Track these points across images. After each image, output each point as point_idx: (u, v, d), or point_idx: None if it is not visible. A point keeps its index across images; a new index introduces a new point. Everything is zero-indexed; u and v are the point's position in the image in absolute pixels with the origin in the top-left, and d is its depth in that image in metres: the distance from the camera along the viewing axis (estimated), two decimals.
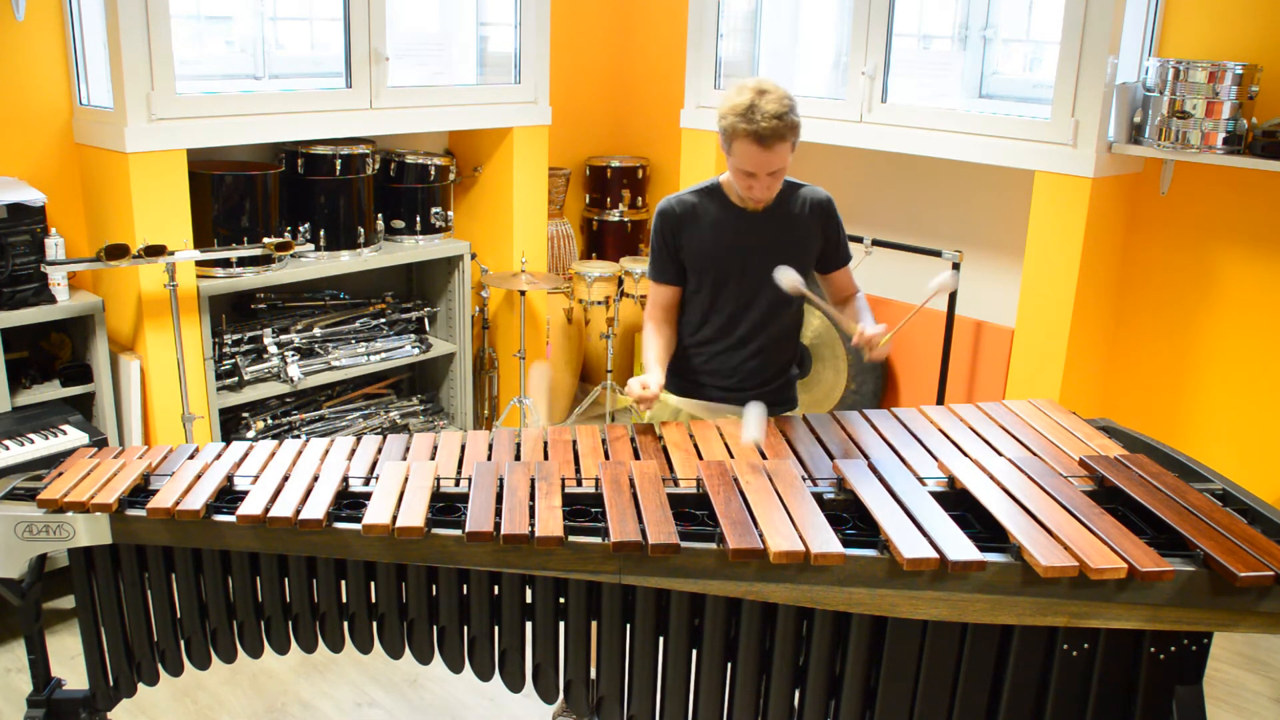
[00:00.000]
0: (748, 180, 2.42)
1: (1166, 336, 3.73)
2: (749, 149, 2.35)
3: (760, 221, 2.52)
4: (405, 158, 4.19)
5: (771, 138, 2.32)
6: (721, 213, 2.54)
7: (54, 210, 3.48)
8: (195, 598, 2.11)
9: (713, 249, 2.53)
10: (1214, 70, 3.25)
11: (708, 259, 2.54)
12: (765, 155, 2.35)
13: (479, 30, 4.52)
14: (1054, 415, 2.46)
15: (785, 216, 2.54)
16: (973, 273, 4.08)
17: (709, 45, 4.44)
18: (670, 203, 2.57)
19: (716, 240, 2.53)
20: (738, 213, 2.53)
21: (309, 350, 4.00)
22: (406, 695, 3.03)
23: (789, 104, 2.35)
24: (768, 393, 2.61)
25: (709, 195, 2.56)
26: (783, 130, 2.33)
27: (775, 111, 2.31)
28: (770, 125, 2.31)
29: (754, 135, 2.32)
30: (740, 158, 2.39)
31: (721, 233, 2.53)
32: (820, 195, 2.58)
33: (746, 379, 2.60)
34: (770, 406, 2.60)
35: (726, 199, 2.54)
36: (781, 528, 1.87)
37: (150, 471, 2.16)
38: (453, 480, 2.13)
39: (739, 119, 2.33)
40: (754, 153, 2.35)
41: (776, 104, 2.32)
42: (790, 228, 2.54)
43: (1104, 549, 1.79)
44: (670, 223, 2.56)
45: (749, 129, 2.32)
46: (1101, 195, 3.50)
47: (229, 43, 4.00)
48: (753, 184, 2.42)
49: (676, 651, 1.97)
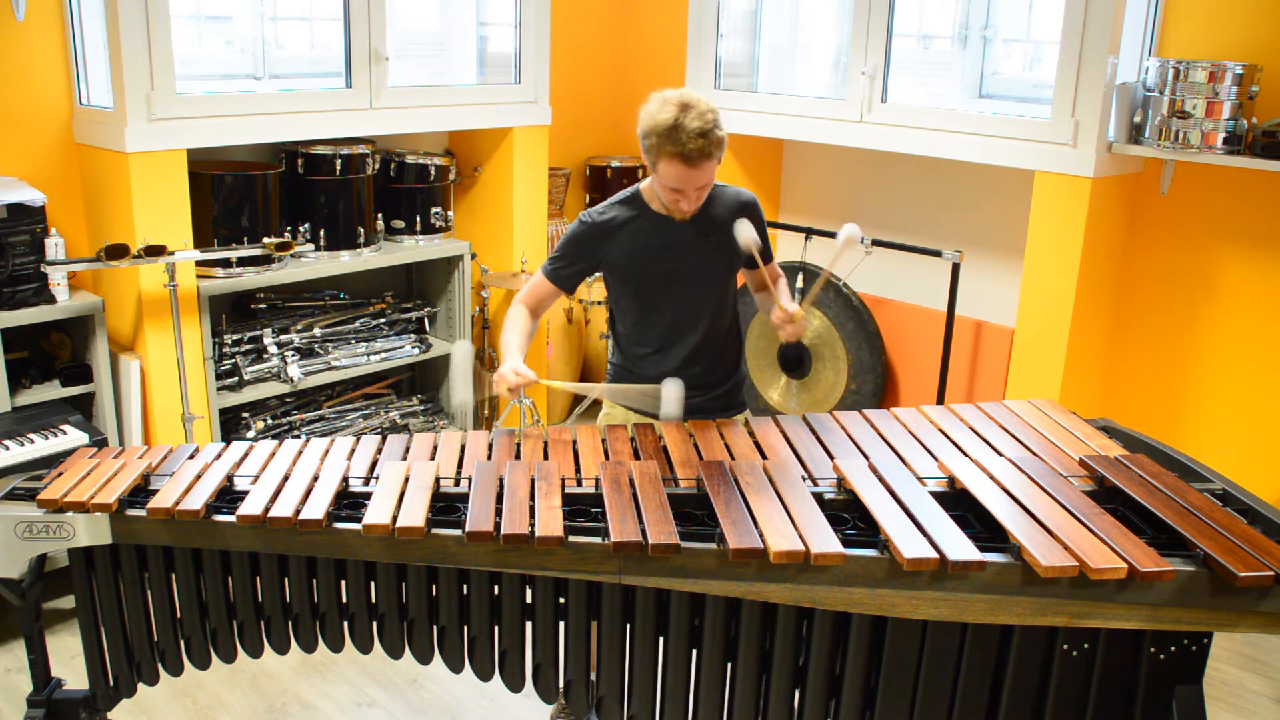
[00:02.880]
0: (675, 195, 2.39)
1: (1166, 336, 3.73)
2: (675, 168, 2.31)
3: (684, 227, 2.49)
4: (405, 158, 4.19)
5: (698, 157, 2.28)
6: (644, 222, 2.50)
7: (54, 210, 3.48)
8: (195, 598, 2.11)
9: (638, 260, 2.50)
10: (1214, 70, 3.25)
11: (633, 270, 2.51)
12: (692, 173, 2.31)
13: (479, 30, 4.52)
14: (1054, 415, 2.46)
15: (709, 220, 2.49)
16: (973, 273, 4.08)
17: (709, 45, 4.44)
18: (592, 215, 2.53)
19: (641, 251, 2.49)
20: (660, 221, 2.49)
21: (309, 350, 4.00)
22: (406, 695, 3.03)
23: (713, 119, 2.30)
24: (716, 397, 2.61)
25: (630, 205, 2.52)
26: (709, 148, 2.29)
27: (700, 129, 2.26)
28: (696, 145, 2.26)
29: (680, 156, 2.28)
30: (666, 176, 2.34)
31: (645, 243, 2.49)
32: (744, 197, 2.54)
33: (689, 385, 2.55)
34: (719, 411, 2.60)
35: (648, 208, 2.50)
36: (781, 528, 1.87)
37: (150, 471, 2.16)
38: (453, 480, 2.13)
39: (663, 139, 2.28)
40: (681, 171, 2.31)
41: (701, 120, 2.27)
42: (715, 231, 2.49)
43: (1104, 549, 1.79)
44: (591, 234, 2.51)
45: (675, 150, 2.27)
46: (1101, 195, 3.50)
47: (229, 43, 4.00)
48: (680, 199, 2.39)
49: (676, 651, 1.97)
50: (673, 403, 2.38)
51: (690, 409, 2.55)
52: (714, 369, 2.61)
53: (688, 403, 2.50)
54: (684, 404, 2.41)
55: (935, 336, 4.06)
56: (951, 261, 3.86)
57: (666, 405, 2.36)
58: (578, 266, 2.56)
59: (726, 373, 2.64)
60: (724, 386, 2.64)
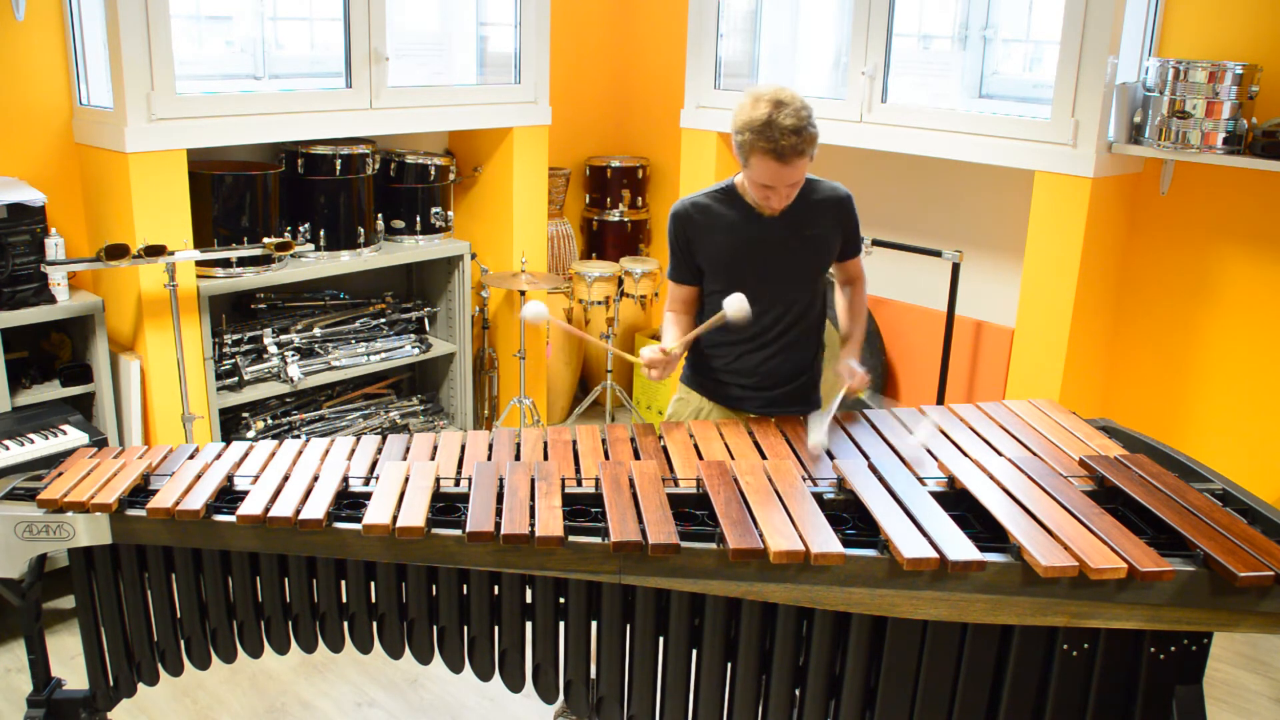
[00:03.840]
0: (765, 192, 2.38)
1: (1166, 336, 3.73)
2: (768, 165, 2.30)
3: (776, 222, 2.48)
4: (405, 158, 4.19)
5: (791, 154, 2.27)
6: (737, 215, 2.50)
7: (54, 210, 3.48)
8: (195, 598, 2.11)
9: (729, 252, 2.50)
10: (1214, 70, 3.25)
11: (724, 262, 2.51)
12: (785, 170, 2.31)
13: (479, 30, 4.52)
14: (1054, 415, 2.45)
15: (802, 216, 2.49)
16: (973, 273, 4.08)
17: (709, 45, 4.44)
18: (684, 205, 2.54)
19: (732, 243, 2.49)
20: (753, 214, 2.49)
21: (309, 350, 4.00)
22: (406, 695, 3.03)
23: (806, 116, 2.28)
24: (790, 391, 2.60)
25: (723, 197, 2.52)
26: (802, 145, 2.28)
27: (794, 126, 2.25)
28: (790, 142, 2.25)
29: (773, 153, 2.27)
30: (758, 173, 2.33)
31: (737, 235, 2.49)
32: (839, 193, 2.54)
33: (767, 379, 2.57)
34: (793, 405, 2.61)
35: (742, 201, 2.50)
36: (781, 528, 1.87)
37: (150, 471, 2.16)
38: (453, 480, 2.13)
39: (756, 136, 2.27)
40: (773, 168, 2.30)
41: (795, 118, 2.26)
42: (807, 226, 2.50)
43: (1104, 549, 1.79)
44: (683, 227, 2.53)
45: (768, 146, 2.26)
46: (1101, 195, 3.50)
47: (229, 43, 4.00)
48: (771, 195, 2.38)
49: (676, 651, 1.97)
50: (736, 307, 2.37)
51: (768, 401, 2.56)
52: (795, 364, 2.60)
53: (766, 394, 2.52)
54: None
55: (935, 336, 4.06)
56: (951, 261, 3.85)
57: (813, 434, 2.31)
58: (684, 255, 2.57)
59: (805, 368, 2.63)
60: (801, 380, 2.63)
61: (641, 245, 5.19)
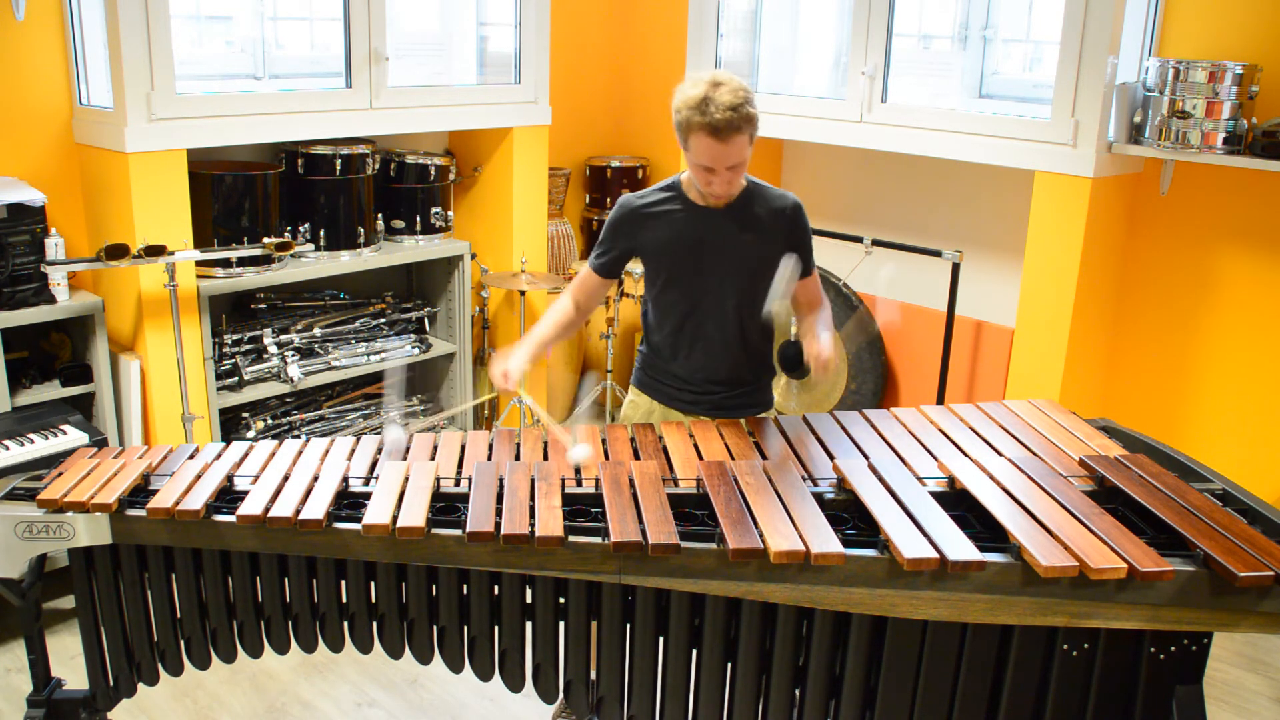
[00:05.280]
0: (707, 176, 2.37)
1: (1166, 336, 3.73)
2: (705, 143, 2.30)
3: (720, 220, 2.48)
4: (405, 158, 4.19)
5: (727, 130, 2.27)
6: (683, 210, 2.49)
7: (54, 210, 3.48)
8: (195, 598, 2.11)
9: (671, 247, 2.50)
10: (1214, 70, 3.25)
11: (666, 257, 2.51)
12: (722, 149, 2.30)
13: (479, 30, 4.52)
14: (1054, 415, 2.45)
15: (748, 217, 2.49)
16: (973, 273, 4.08)
17: (709, 45, 4.44)
18: (631, 199, 2.54)
19: (675, 239, 2.49)
20: (698, 211, 2.48)
21: (309, 350, 4.00)
22: (406, 695, 3.03)
23: (744, 95, 2.29)
24: (740, 394, 2.60)
25: (669, 193, 2.52)
26: (738, 122, 2.27)
27: (730, 103, 2.26)
28: (725, 117, 2.26)
29: (709, 128, 2.27)
30: (697, 152, 2.34)
31: (680, 231, 2.48)
32: (788, 200, 2.52)
33: (712, 380, 2.56)
34: (745, 409, 2.59)
35: (686, 197, 2.50)
36: (781, 528, 1.87)
37: (150, 471, 2.16)
38: (453, 480, 2.13)
39: (693, 112, 2.28)
40: (710, 146, 2.30)
41: (731, 95, 2.27)
42: (751, 228, 2.48)
43: (1104, 549, 1.79)
44: (629, 218, 2.53)
45: (704, 121, 2.27)
46: (1101, 195, 3.50)
47: (229, 43, 4.00)
48: (712, 179, 2.37)
49: (676, 651, 1.97)
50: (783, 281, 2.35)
51: (714, 405, 2.55)
52: (740, 365, 2.58)
53: (711, 398, 2.51)
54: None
55: (935, 336, 4.06)
56: (951, 261, 3.86)
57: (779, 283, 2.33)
58: (617, 251, 2.56)
59: (753, 370, 2.61)
60: (750, 385, 2.61)
61: None
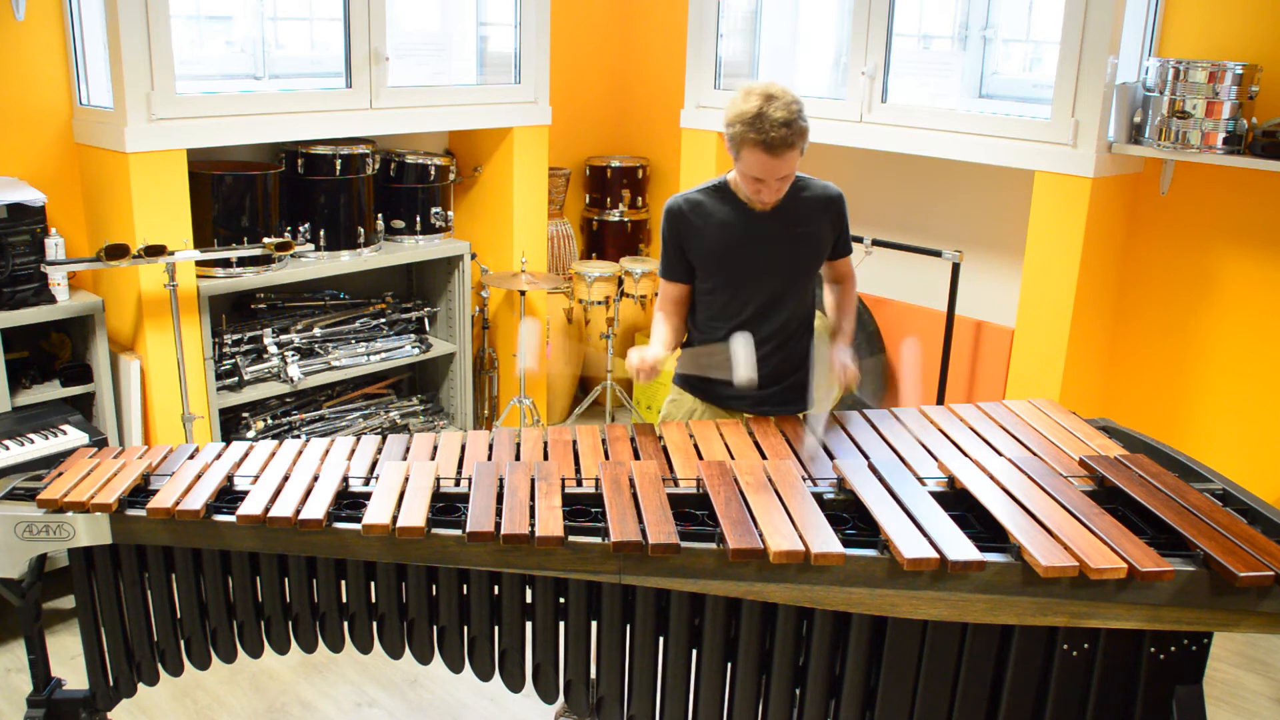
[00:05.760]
0: (756, 185, 2.40)
1: (1166, 336, 3.73)
2: (758, 157, 2.32)
3: (768, 219, 2.50)
4: (405, 158, 4.19)
5: (780, 146, 2.30)
6: (729, 212, 2.51)
7: (54, 210, 3.48)
8: (195, 598, 2.11)
9: (720, 248, 2.51)
10: (1214, 70, 3.25)
11: (716, 258, 2.53)
12: (774, 163, 2.33)
13: (479, 30, 4.52)
14: (1054, 415, 2.45)
15: (794, 213, 2.51)
16: (973, 273, 4.08)
17: (709, 45, 4.44)
18: (677, 202, 2.56)
19: (724, 239, 2.51)
20: (745, 211, 2.51)
21: (309, 350, 4.00)
22: (406, 695, 3.03)
23: (797, 109, 2.31)
24: (782, 391, 2.60)
25: (716, 194, 2.54)
26: (792, 138, 2.30)
27: (784, 119, 2.28)
28: (779, 134, 2.28)
29: (763, 144, 2.29)
30: (749, 165, 2.36)
31: (729, 232, 2.51)
32: (831, 192, 2.56)
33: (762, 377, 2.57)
34: (786, 405, 2.61)
35: (734, 197, 2.52)
36: (781, 528, 1.87)
37: (150, 471, 2.16)
38: (453, 480, 2.13)
39: (747, 127, 2.30)
40: (763, 160, 2.33)
41: (785, 111, 2.29)
42: (798, 224, 2.51)
43: (1104, 549, 1.79)
44: (676, 223, 2.55)
45: (758, 138, 2.29)
46: (1101, 195, 3.50)
47: (229, 43, 4.00)
48: (761, 189, 2.40)
49: (676, 651, 1.97)
50: (743, 365, 2.37)
51: (757, 401, 2.56)
52: (786, 361, 2.60)
53: (758, 393, 2.51)
54: (754, 367, 2.40)
55: (935, 336, 4.06)
56: (951, 261, 3.85)
57: (739, 368, 2.35)
58: (676, 254, 2.58)
59: (797, 365, 2.63)
60: (793, 378, 2.63)
61: (641, 245, 5.19)
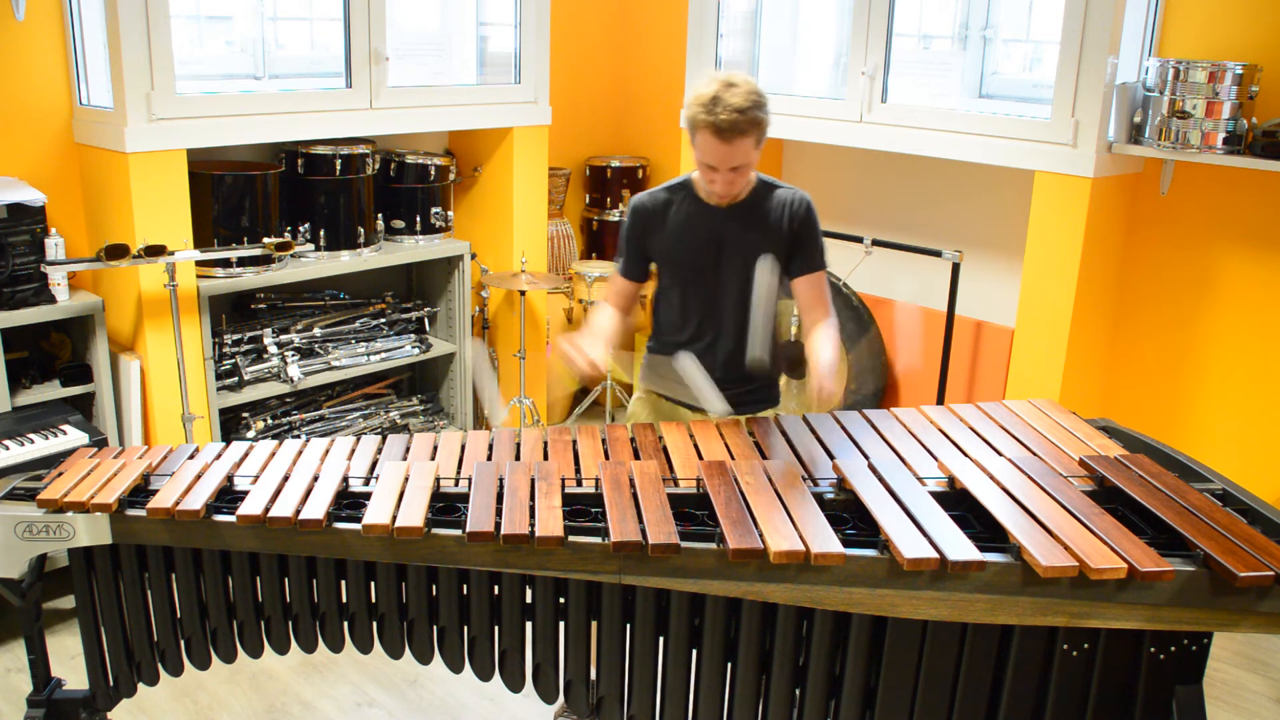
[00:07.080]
0: (709, 174, 2.39)
1: (1166, 336, 3.73)
2: (709, 141, 2.32)
3: (728, 219, 2.49)
4: (405, 158, 4.19)
5: (730, 131, 2.28)
6: (691, 209, 2.51)
7: (54, 210, 3.48)
8: (195, 598, 2.11)
9: (681, 245, 2.51)
10: (1214, 70, 3.25)
11: (676, 255, 2.53)
12: (725, 149, 2.31)
13: (479, 30, 4.52)
14: (1054, 415, 2.45)
15: (756, 215, 2.49)
16: (973, 273, 4.08)
17: (709, 45, 4.44)
18: (641, 199, 2.56)
19: (685, 237, 2.51)
20: (707, 209, 2.50)
21: (309, 350, 3.99)
22: (406, 695, 3.03)
23: (755, 99, 2.30)
24: (750, 390, 2.60)
25: (680, 191, 2.54)
26: (743, 125, 2.28)
27: (738, 105, 2.27)
28: (730, 119, 2.27)
29: (714, 128, 2.28)
30: (701, 149, 2.36)
31: (690, 229, 2.50)
32: (797, 197, 2.52)
33: (725, 376, 2.55)
34: (752, 405, 2.60)
35: (696, 195, 2.52)
36: (781, 528, 1.87)
37: (150, 471, 2.16)
38: (453, 480, 2.13)
39: (701, 109, 2.30)
40: (714, 146, 2.32)
41: (742, 98, 2.28)
42: (759, 226, 2.49)
43: (1104, 549, 1.79)
44: (640, 219, 2.55)
45: (709, 120, 2.29)
46: (1101, 195, 3.50)
47: (229, 43, 4.00)
48: (714, 178, 2.39)
49: (676, 651, 1.97)
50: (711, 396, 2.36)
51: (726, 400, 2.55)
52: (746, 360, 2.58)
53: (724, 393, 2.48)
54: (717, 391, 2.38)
55: (935, 336, 4.06)
56: (951, 261, 3.85)
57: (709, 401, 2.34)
58: (635, 253, 2.58)
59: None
60: (758, 381, 2.61)
61: None
